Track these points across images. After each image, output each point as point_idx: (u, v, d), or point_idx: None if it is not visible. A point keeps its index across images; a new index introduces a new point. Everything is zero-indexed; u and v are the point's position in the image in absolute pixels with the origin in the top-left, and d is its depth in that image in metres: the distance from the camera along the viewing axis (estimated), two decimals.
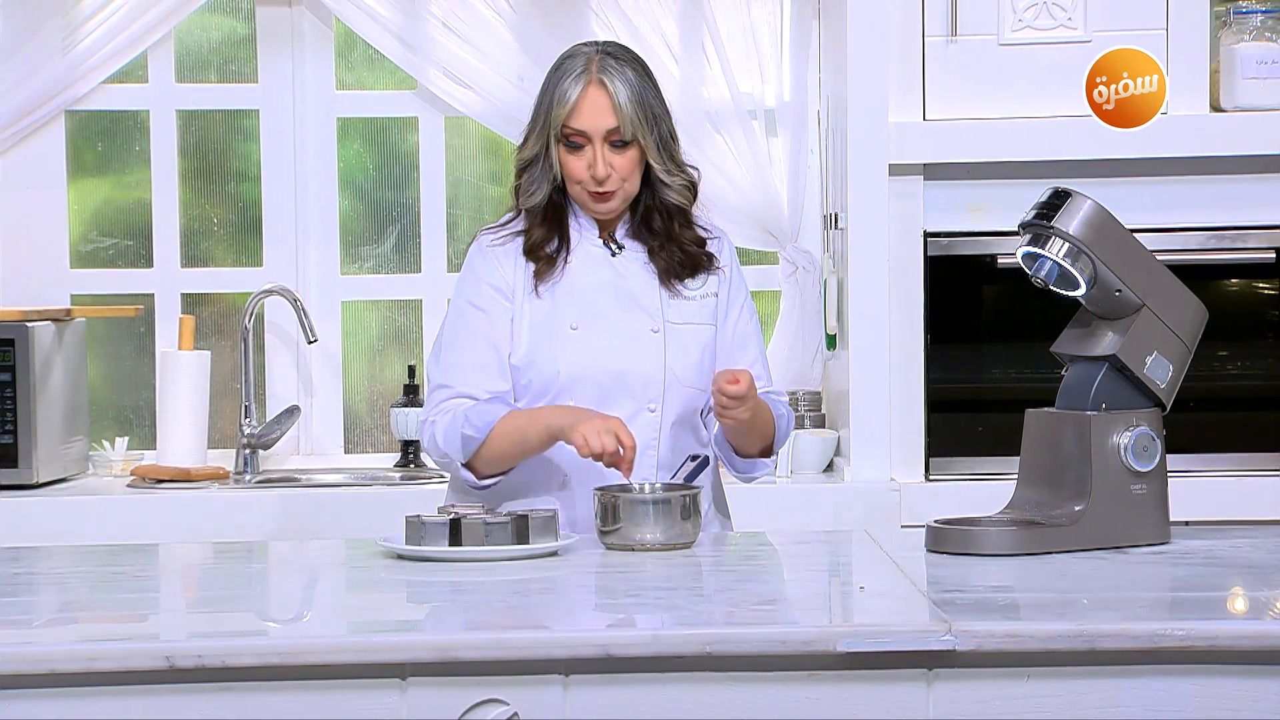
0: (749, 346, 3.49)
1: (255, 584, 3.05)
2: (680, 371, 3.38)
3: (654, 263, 3.42)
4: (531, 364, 3.37)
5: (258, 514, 4.38)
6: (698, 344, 3.42)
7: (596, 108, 3.34)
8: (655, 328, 3.40)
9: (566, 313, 3.38)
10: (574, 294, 3.39)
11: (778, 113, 4.85)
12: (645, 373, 3.38)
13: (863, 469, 4.47)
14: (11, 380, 4.44)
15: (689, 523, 3.15)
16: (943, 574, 2.90)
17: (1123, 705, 2.47)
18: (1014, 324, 4.54)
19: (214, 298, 4.99)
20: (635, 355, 3.38)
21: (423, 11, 4.80)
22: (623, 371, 3.36)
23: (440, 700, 2.43)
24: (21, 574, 3.06)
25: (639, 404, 3.34)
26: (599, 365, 3.35)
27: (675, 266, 3.42)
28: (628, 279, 3.41)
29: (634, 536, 3.12)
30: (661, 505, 3.13)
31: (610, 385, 3.33)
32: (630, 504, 3.13)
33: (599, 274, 3.41)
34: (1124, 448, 3.05)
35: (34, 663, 2.40)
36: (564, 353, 3.36)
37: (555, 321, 3.38)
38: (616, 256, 3.43)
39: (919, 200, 4.49)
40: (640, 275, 3.42)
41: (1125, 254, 3.06)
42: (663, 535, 3.13)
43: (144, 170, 4.96)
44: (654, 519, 3.12)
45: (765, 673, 2.45)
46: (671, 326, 3.41)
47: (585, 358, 3.36)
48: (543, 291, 3.39)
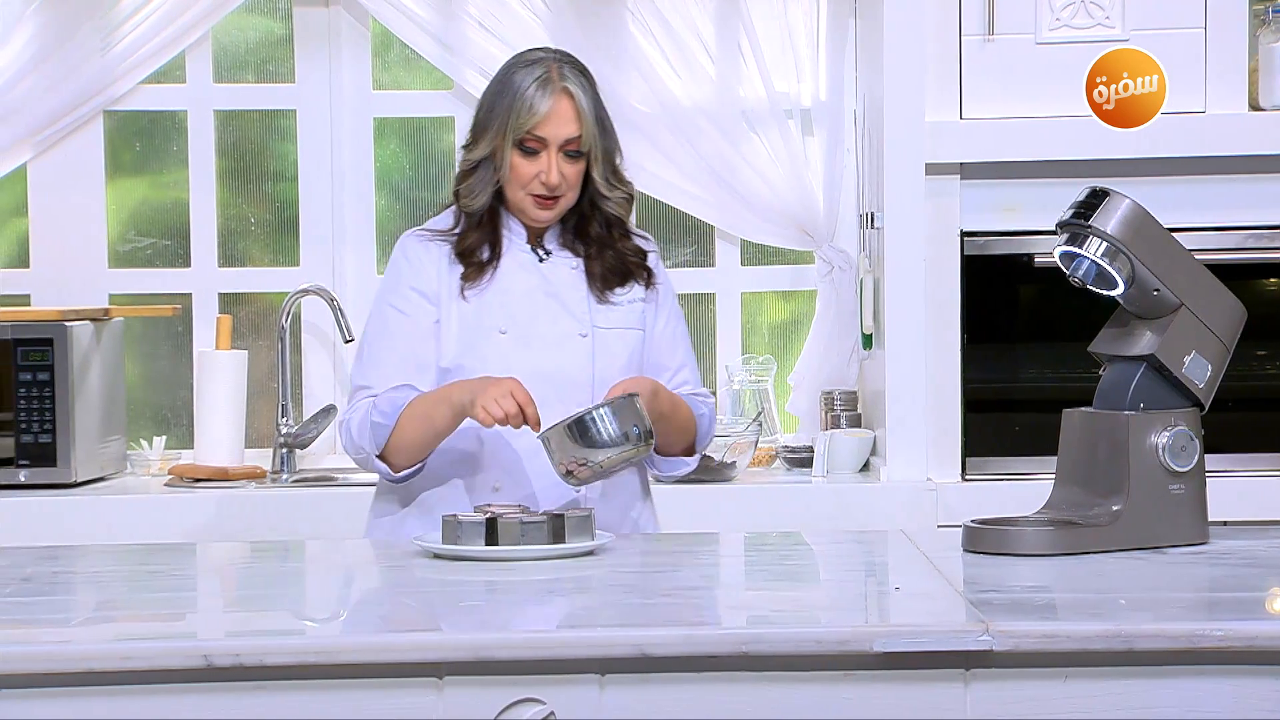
0: (677, 349, 3.52)
1: (292, 583, 3.06)
2: (607, 375, 3.39)
3: (588, 269, 3.45)
4: (460, 368, 3.38)
5: (294, 513, 4.39)
6: (625, 348, 3.44)
7: (563, 117, 3.37)
8: (583, 332, 3.42)
9: (494, 317, 3.39)
10: (502, 298, 3.41)
11: (814, 112, 4.84)
12: (573, 376, 3.39)
13: (899, 469, 4.46)
14: (50, 380, 4.46)
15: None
16: (979, 574, 2.89)
17: (1160, 706, 2.46)
18: (1050, 323, 4.53)
19: (251, 297, 5.01)
20: (563, 359, 3.40)
21: (459, 11, 4.81)
22: (551, 375, 3.37)
23: (476, 700, 2.43)
24: (59, 572, 3.07)
25: (567, 408, 3.33)
26: (528, 369, 3.35)
27: (608, 274, 3.45)
28: (555, 284, 3.43)
29: (593, 459, 3.13)
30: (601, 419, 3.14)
31: (539, 389, 3.31)
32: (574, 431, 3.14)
33: (526, 279, 3.43)
34: (1162, 448, 3.04)
35: (71, 661, 2.41)
36: (492, 356, 3.37)
37: (483, 325, 3.39)
38: (544, 262, 3.44)
39: (955, 199, 4.48)
40: (568, 280, 3.44)
41: (1163, 253, 3.05)
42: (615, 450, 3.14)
43: (181, 170, 4.98)
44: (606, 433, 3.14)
45: (801, 673, 2.45)
46: (599, 331, 3.43)
47: (514, 362, 3.36)
48: (470, 295, 3.40)
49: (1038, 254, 4.45)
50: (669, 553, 3.20)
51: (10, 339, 4.46)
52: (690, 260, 5.02)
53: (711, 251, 5.01)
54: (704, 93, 4.83)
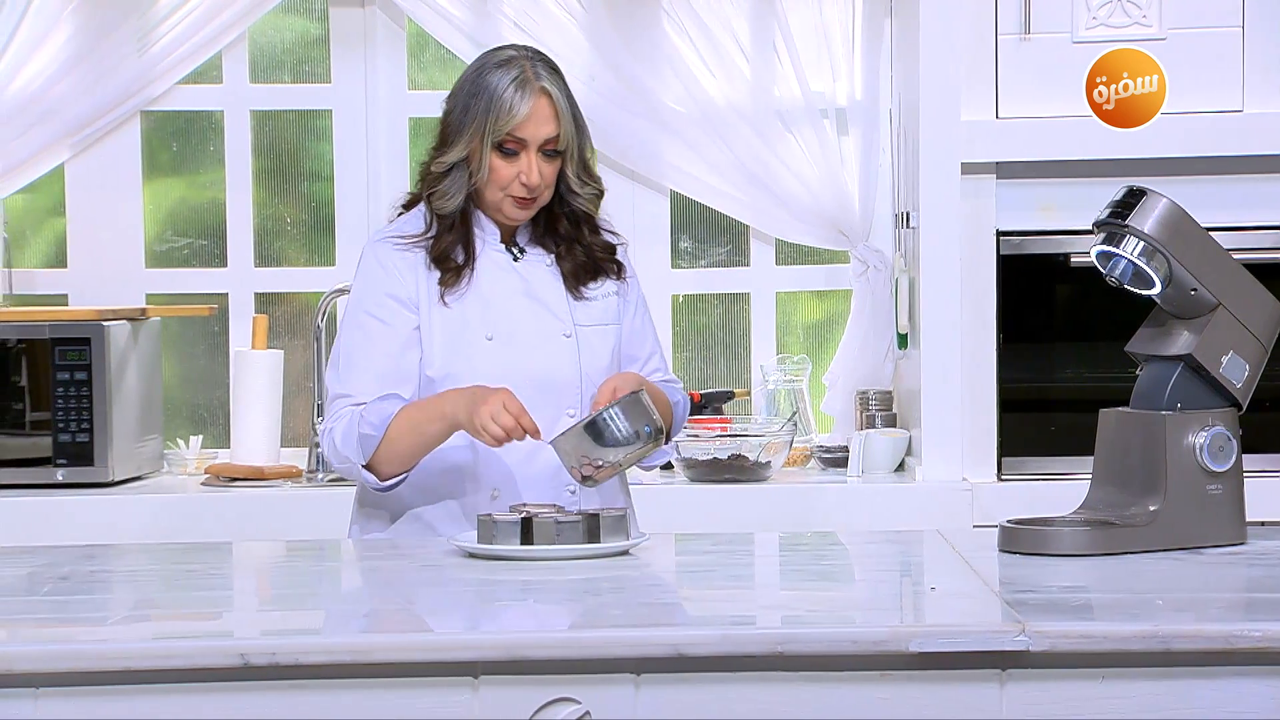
0: (646, 338, 3.53)
1: (327, 582, 3.06)
2: (593, 373, 3.39)
3: (559, 266, 3.43)
4: (449, 376, 3.35)
5: (330, 512, 4.39)
6: (606, 344, 3.44)
7: (541, 116, 3.35)
8: (567, 332, 3.41)
9: (479, 323, 3.38)
10: (484, 303, 3.39)
11: (849, 111, 4.84)
12: (562, 377, 3.38)
13: (934, 469, 4.46)
14: (87, 379, 4.48)
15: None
16: (1015, 574, 2.88)
17: (1197, 707, 2.45)
18: (1087, 323, 4.52)
19: (287, 297, 5.02)
20: (551, 361, 3.39)
21: (494, 11, 4.81)
22: (541, 378, 3.36)
23: (512, 699, 2.44)
24: (96, 571, 3.08)
25: (558, 409, 3.33)
26: (518, 374, 3.33)
27: (579, 270, 3.44)
28: (534, 284, 3.42)
29: (607, 458, 3.13)
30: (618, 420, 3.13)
31: (529, 392, 3.29)
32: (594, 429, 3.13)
33: (506, 281, 3.41)
34: (1199, 448, 3.03)
35: (108, 660, 2.41)
36: (481, 363, 3.35)
37: (469, 332, 3.37)
38: (519, 261, 3.43)
39: (991, 199, 4.47)
40: (545, 279, 3.43)
41: (1201, 252, 3.04)
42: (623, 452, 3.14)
43: (218, 170, 4.99)
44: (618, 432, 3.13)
45: (837, 673, 2.45)
46: (581, 329, 3.42)
47: (503, 367, 3.34)
48: (451, 301, 3.38)
49: (1074, 253, 4.44)
50: (704, 553, 3.20)
51: (48, 338, 4.48)
52: (725, 260, 5.02)
53: (746, 251, 5.00)
54: (739, 92, 4.83)
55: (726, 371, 5.00)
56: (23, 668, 2.40)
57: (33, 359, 4.49)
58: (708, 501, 4.42)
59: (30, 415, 4.50)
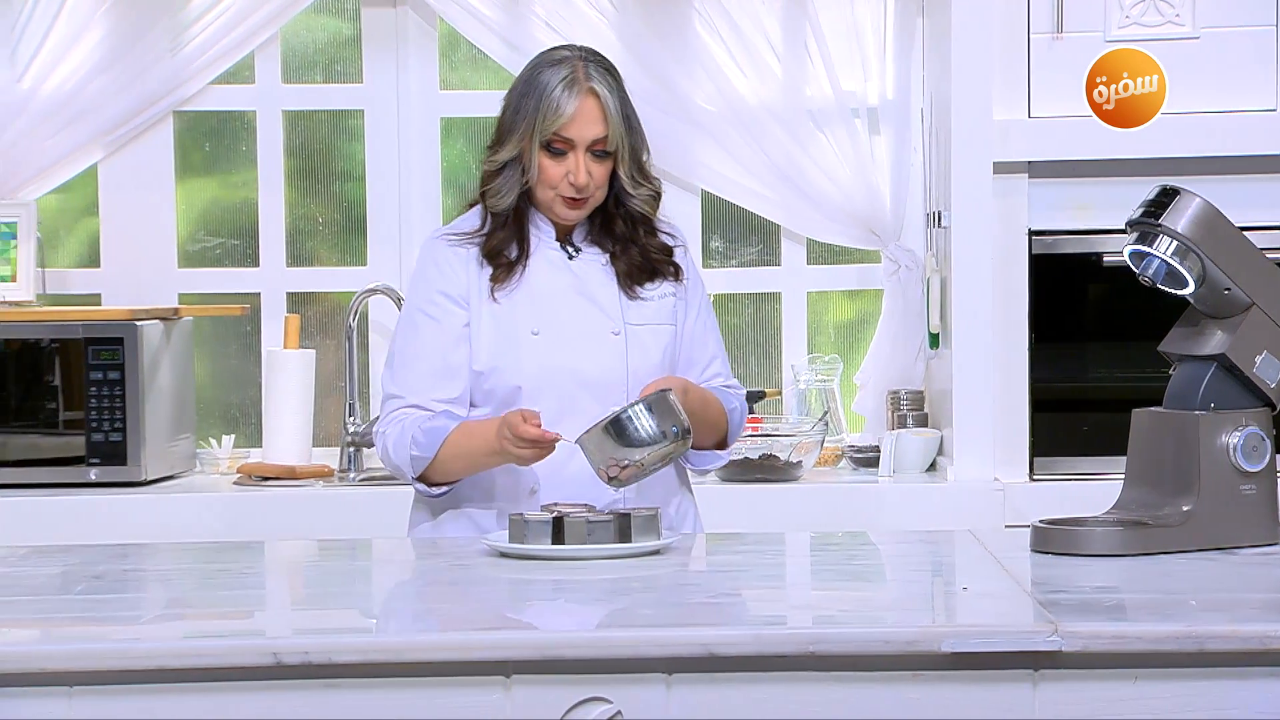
0: (708, 342, 3.50)
1: (359, 581, 3.07)
2: (642, 373, 3.36)
3: (614, 266, 3.42)
4: (494, 370, 3.36)
5: (362, 512, 4.41)
6: (658, 344, 3.42)
7: (589, 117, 3.34)
8: (616, 330, 3.39)
9: (527, 318, 3.37)
10: (533, 298, 3.38)
11: (880, 110, 4.83)
12: (607, 375, 3.36)
13: (966, 468, 4.45)
14: (120, 378, 4.49)
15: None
16: (1048, 574, 2.88)
17: (1232, 707, 2.45)
18: (1119, 323, 4.50)
19: (319, 297, 5.03)
20: (597, 358, 3.37)
21: (526, 11, 4.82)
22: (585, 375, 3.35)
23: (544, 698, 2.44)
24: (129, 570, 3.09)
25: (603, 407, 3.30)
26: (561, 370, 3.34)
27: (635, 271, 3.43)
28: (586, 282, 3.41)
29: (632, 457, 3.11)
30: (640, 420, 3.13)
31: (573, 389, 3.31)
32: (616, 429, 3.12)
33: (558, 278, 3.40)
34: (1233, 448, 3.02)
35: (141, 659, 2.42)
36: (526, 358, 3.35)
37: (516, 327, 3.37)
38: (574, 260, 3.42)
39: (1023, 198, 4.46)
40: (598, 278, 3.42)
41: (1235, 252, 3.03)
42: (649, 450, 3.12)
43: (250, 170, 5.00)
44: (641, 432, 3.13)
45: (868, 673, 2.44)
46: (631, 328, 3.40)
47: (547, 363, 3.35)
48: (500, 296, 3.38)
49: (1106, 253, 4.42)
50: (735, 552, 3.20)
51: (81, 338, 4.49)
52: (756, 259, 5.02)
53: (777, 250, 5.00)
54: (770, 92, 4.82)
55: (758, 371, 5.00)
56: (57, 666, 2.41)
57: (66, 359, 4.50)
58: (739, 501, 4.42)
59: (64, 415, 4.51)
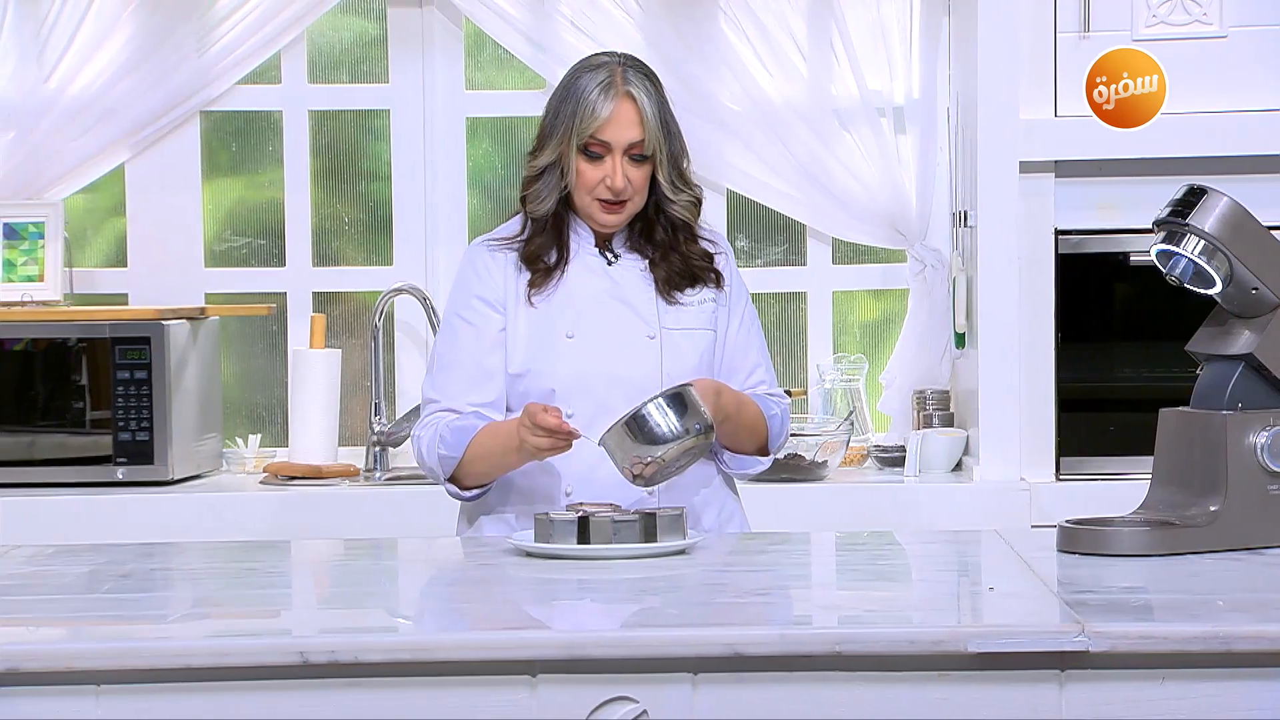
0: (750, 351, 3.49)
1: (386, 581, 3.07)
2: (677, 377, 3.33)
3: (653, 272, 3.42)
4: (529, 373, 3.37)
5: (387, 511, 4.42)
6: (695, 349, 3.40)
7: (625, 120, 3.34)
8: (651, 334, 3.39)
9: (562, 321, 3.38)
10: (570, 303, 3.39)
11: (906, 110, 4.83)
12: (642, 379, 3.35)
13: (992, 468, 4.44)
14: (147, 378, 4.50)
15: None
16: (1074, 574, 2.87)
17: (1259, 708, 2.44)
18: (1146, 322, 4.50)
19: (345, 296, 5.04)
20: (631, 362, 3.37)
21: (552, 11, 4.82)
22: (619, 378, 3.35)
23: (570, 698, 2.44)
24: (156, 569, 3.09)
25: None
26: (595, 373, 3.34)
27: (674, 277, 3.42)
28: (623, 287, 3.41)
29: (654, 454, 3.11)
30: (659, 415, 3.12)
31: (607, 392, 3.31)
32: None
33: (595, 283, 3.41)
34: (1260, 447, 3.01)
35: (168, 658, 2.43)
36: (560, 362, 3.36)
37: (551, 330, 3.37)
38: (613, 265, 3.42)
39: (1050, 197, 4.45)
40: (636, 283, 3.42)
41: (1262, 251, 3.02)
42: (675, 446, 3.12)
43: (276, 170, 5.01)
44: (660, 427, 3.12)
45: (894, 673, 2.44)
46: (668, 332, 3.40)
47: (582, 366, 3.35)
48: (537, 300, 3.39)
49: (1133, 252, 4.42)
50: (761, 552, 3.20)
51: (108, 338, 4.51)
52: (781, 259, 5.01)
53: (803, 250, 5.00)
54: (796, 91, 4.82)
55: (783, 370, 4.99)
56: (84, 665, 2.42)
57: (93, 358, 4.52)
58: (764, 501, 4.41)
59: (91, 414, 4.53)
